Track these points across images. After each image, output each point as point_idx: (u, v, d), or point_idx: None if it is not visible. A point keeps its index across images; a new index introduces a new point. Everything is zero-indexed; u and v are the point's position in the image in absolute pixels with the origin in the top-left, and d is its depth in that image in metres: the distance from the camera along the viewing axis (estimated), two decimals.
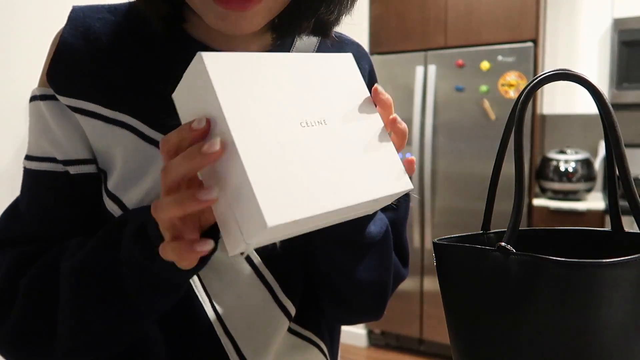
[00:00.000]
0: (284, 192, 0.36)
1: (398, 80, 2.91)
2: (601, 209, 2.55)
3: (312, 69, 0.45)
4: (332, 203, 0.38)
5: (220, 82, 0.38)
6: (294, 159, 0.38)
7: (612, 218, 0.54)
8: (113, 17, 0.56)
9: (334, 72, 0.47)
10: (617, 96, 2.62)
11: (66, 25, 0.55)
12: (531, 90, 0.49)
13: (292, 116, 0.41)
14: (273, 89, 0.41)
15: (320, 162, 0.40)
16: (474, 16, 2.76)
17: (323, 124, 0.42)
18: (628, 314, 0.44)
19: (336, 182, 0.40)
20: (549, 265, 0.43)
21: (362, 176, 0.42)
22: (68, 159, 0.55)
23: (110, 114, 0.54)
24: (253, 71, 0.41)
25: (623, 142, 0.48)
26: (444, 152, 2.83)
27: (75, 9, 0.56)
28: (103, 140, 0.54)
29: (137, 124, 0.54)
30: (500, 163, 0.54)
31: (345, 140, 0.43)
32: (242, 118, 0.37)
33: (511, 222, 0.46)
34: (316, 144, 0.41)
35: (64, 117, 0.54)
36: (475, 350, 0.50)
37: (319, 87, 0.44)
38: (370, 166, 0.44)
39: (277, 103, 0.40)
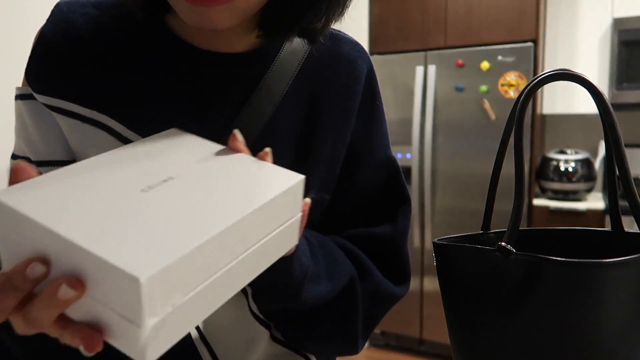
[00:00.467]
0: (143, 246, 0.31)
1: (398, 80, 2.91)
2: (601, 209, 2.55)
3: (140, 151, 0.42)
4: (210, 229, 0.33)
5: (31, 210, 0.32)
6: (141, 218, 0.33)
7: (612, 218, 0.54)
8: (97, 12, 0.54)
9: (170, 144, 0.43)
10: (617, 96, 2.62)
11: (47, 21, 0.54)
12: (531, 90, 0.49)
13: (127, 192, 0.36)
14: (92, 185, 0.36)
15: (179, 207, 0.35)
16: (474, 16, 2.76)
17: (170, 180, 0.38)
18: (628, 314, 0.44)
19: (207, 213, 0.35)
20: (549, 265, 0.43)
21: (237, 195, 0.38)
22: (41, 160, 0.54)
23: (88, 113, 0.52)
24: (66, 184, 0.36)
25: (623, 142, 0.48)
26: (444, 152, 2.83)
27: (60, 4, 0.55)
28: (79, 139, 0.53)
29: (114, 124, 0.52)
30: (500, 163, 0.54)
31: (203, 177, 0.39)
32: (67, 221, 0.32)
33: (511, 222, 0.47)
34: (167, 195, 0.36)
35: (40, 116, 0.53)
36: (475, 350, 0.50)
37: (157, 159, 0.41)
38: (243, 185, 0.39)
39: (104, 193, 0.35)
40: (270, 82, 0.57)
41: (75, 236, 0.30)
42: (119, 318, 0.30)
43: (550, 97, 2.88)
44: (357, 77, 0.63)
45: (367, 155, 0.65)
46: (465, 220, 2.78)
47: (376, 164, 0.65)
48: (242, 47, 0.57)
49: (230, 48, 0.56)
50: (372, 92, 0.65)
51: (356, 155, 0.64)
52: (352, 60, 0.63)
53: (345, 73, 0.63)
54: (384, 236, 0.64)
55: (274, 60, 0.58)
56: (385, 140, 0.68)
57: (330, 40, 0.62)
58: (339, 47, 0.63)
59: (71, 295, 0.30)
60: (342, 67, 0.62)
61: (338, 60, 0.63)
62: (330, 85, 0.61)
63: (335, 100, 0.61)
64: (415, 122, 2.84)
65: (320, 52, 0.61)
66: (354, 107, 0.63)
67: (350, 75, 0.63)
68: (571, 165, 2.71)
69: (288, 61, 0.59)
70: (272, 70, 0.57)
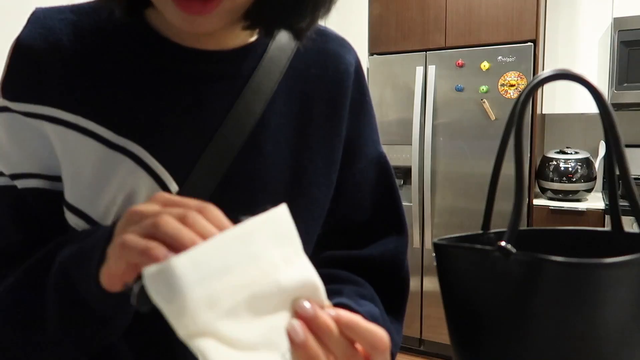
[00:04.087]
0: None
1: (398, 80, 2.91)
2: (601, 209, 2.55)
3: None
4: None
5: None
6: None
7: (612, 218, 0.54)
8: (75, 17, 0.53)
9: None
10: (617, 96, 2.62)
11: (25, 28, 0.52)
12: (531, 90, 0.49)
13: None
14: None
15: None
16: (473, 16, 2.76)
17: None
18: (628, 314, 0.44)
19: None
20: (549, 265, 0.43)
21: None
22: (14, 173, 0.52)
23: (72, 118, 0.51)
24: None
25: (623, 142, 0.48)
26: (443, 152, 2.83)
27: (37, 10, 0.53)
28: (64, 146, 0.51)
29: (100, 130, 0.51)
30: (500, 163, 0.54)
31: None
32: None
33: (511, 222, 0.47)
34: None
35: (14, 129, 0.51)
36: (476, 350, 0.50)
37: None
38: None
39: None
40: (259, 79, 0.56)
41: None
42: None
43: (550, 97, 2.88)
44: (346, 72, 0.63)
45: (360, 150, 0.65)
46: (465, 220, 2.78)
47: (368, 159, 0.66)
48: (229, 44, 0.56)
49: (217, 45, 0.55)
50: (361, 87, 0.66)
51: (349, 150, 0.64)
52: (339, 56, 0.64)
53: (334, 69, 0.62)
54: (375, 258, 0.65)
55: (262, 57, 0.57)
56: (376, 136, 0.68)
57: (317, 37, 0.62)
58: (326, 44, 0.63)
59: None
60: (330, 63, 0.62)
61: (325, 57, 0.62)
62: (319, 81, 0.61)
63: (325, 96, 0.61)
64: (415, 122, 2.84)
65: (307, 49, 0.61)
66: (345, 102, 0.63)
67: (338, 71, 0.63)
68: (571, 165, 2.71)
69: (277, 57, 0.58)
70: (261, 67, 0.56)
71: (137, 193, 0.52)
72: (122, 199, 0.51)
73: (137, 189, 0.51)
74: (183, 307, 0.32)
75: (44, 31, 0.52)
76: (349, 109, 0.63)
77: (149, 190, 0.52)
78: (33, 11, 0.54)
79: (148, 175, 0.52)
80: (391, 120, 2.92)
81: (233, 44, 0.56)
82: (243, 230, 0.35)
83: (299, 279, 0.37)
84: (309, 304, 0.37)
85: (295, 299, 0.37)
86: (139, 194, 0.52)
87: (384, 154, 0.68)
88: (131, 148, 0.51)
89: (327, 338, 0.37)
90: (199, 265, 0.32)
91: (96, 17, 0.54)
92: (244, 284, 0.35)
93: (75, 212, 0.52)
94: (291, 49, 0.59)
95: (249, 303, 0.35)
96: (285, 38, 0.59)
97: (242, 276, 0.34)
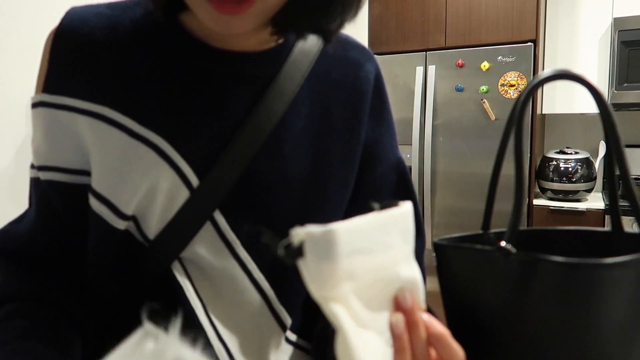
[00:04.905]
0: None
1: (398, 80, 2.91)
2: (601, 209, 2.55)
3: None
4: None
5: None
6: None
7: (612, 218, 0.54)
8: (110, 12, 0.55)
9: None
10: (617, 96, 2.62)
11: (61, 23, 0.54)
12: (531, 90, 0.49)
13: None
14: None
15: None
16: (473, 16, 2.76)
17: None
18: (628, 314, 0.44)
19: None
20: (549, 265, 0.43)
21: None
22: (41, 165, 0.55)
23: (99, 109, 0.53)
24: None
25: (623, 142, 0.48)
26: (443, 152, 2.83)
27: (72, 8, 0.56)
28: (93, 136, 0.53)
29: (125, 120, 0.53)
30: (500, 163, 0.54)
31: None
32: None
33: (511, 222, 0.47)
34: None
35: (47, 122, 0.54)
36: (476, 350, 0.50)
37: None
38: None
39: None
40: (282, 81, 0.58)
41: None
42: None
43: (550, 97, 2.88)
44: (366, 79, 0.65)
45: (380, 155, 0.66)
46: (465, 220, 2.78)
47: (388, 165, 0.67)
48: (255, 46, 0.57)
49: (244, 47, 0.57)
50: (380, 94, 0.67)
51: (368, 155, 0.65)
52: (360, 63, 0.65)
53: (354, 75, 0.64)
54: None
55: (286, 60, 0.59)
56: (395, 142, 0.70)
57: (338, 45, 0.64)
58: (347, 52, 0.65)
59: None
60: (350, 70, 0.64)
61: (346, 63, 0.64)
62: (340, 86, 0.63)
63: (345, 101, 0.63)
64: (415, 122, 2.84)
65: (329, 56, 0.63)
66: (365, 108, 0.65)
67: (358, 77, 0.64)
68: (571, 165, 2.71)
69: (299, 61, 0.60)
70: (284, 70, 0.58)
71: (159, 184, 0.53)
72: (145, 188, 0.53)
73: (159, 180, 0.53)
74: (331, 272, 0.35)
75: (79, 25, 0.54)
76: (368, 115, 0.65)
77: (170, 182, 0.53)
78: (69, 8, 0.56)
79: (170, 168, 0.53)
80: None
81: (259, 46, 0.58)
82: (383, 220, 0.39)
83: (411, 276, 0.41)
84: (410, 298, 0.41)
85: (399, 289, 0.40)
86: (160, 185, 0.53)
87: (402, 160, 0.70)
88: (154, 139, 0.53)
89: (416, 337, 0.40)
90: (351, 240, 0.36)
91: (130, 14, 0.56)
92: (375, 267, 0.38)
93: (99, 199, 0.54)
94: (313, 54, 0.61)
95: (371, 286, 0.38)
96: (309, 43, 0.61)
97: (376, 260, 0.38)
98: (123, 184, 0.53)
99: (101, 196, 0.54)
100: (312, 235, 0.35)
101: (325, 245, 0.35)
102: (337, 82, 0.63)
